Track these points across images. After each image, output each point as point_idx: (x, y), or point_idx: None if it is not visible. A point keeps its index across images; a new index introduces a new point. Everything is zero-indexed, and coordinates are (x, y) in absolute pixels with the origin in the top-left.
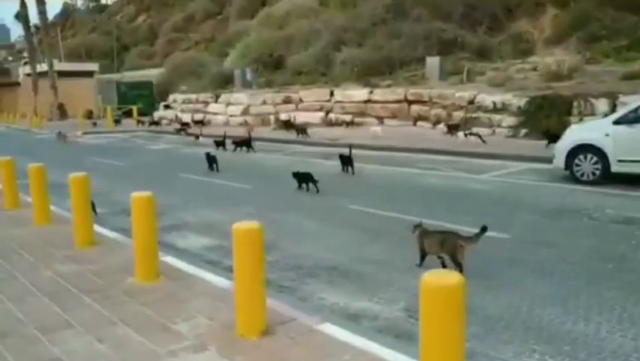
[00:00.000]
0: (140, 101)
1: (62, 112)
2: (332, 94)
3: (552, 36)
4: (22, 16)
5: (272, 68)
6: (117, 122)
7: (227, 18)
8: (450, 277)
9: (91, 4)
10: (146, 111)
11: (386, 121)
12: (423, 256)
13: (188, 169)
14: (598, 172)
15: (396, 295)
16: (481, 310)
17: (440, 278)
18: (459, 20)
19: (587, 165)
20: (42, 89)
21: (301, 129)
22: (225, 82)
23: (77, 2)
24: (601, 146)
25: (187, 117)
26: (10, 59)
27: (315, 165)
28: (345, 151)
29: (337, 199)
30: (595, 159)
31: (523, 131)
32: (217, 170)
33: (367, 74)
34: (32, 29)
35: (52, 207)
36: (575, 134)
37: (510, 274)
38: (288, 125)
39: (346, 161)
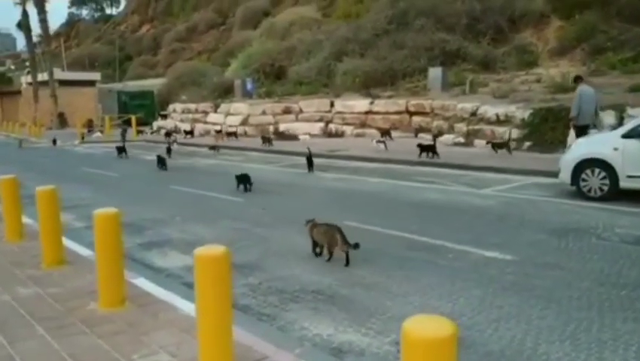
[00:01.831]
0: (141, 110)
1: (62, 121)
2: (332, 105)
3: (557, 47)
4: (23, 25)
5: (273, 78)
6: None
7: (229, 28)
8: (438, 326)
9: (96, 15)
10: (147, 121)
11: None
12: (314, 244)
13: (179, 181)
14: (606, 188)
15: (387, 325)
16: (480, 346)
17: (425, 328)
18: (463, 31)
19: (595, 181)
20: (42, 97)
21: (267, 139)
22: (226, 92)
23: (82, 12)
24: (610, 160)
25: (186, 127)
26: (12, 67)
27: (311, 177)
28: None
29: (332, 215)
30: (603, 174)
31: (527, 143)
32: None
33: (369, 84)
34: (37, 38)
35: (29, 222)
36: (582, 147)
37: (513, 301)
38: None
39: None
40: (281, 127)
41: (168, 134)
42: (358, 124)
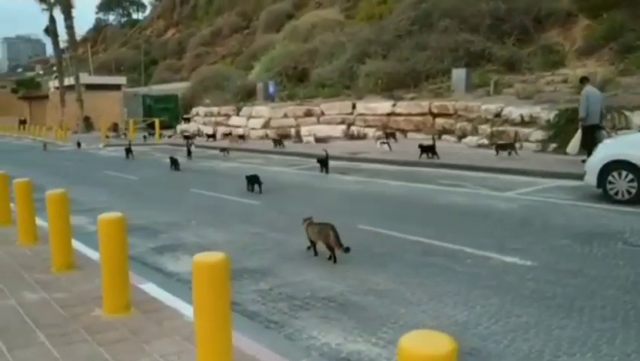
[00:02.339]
0: (165, 114)
1: (88, 125)
2: (354, 107)
3: (584, 47)
4: (50, 30)
5: (296, 80)
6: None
7: (253, 32)
8: (437, 343)
9: (123, 20)
10: (170, 124)
11: (410, 134)
12: (311, 242)
13: (201, 184)
14: (634, 191)
15: (398, 334)
16: (496, 358)
17: (423, 345)
18: (487, 32)
19: (622, 183)
20: (69, 102)
21: (278, 141)
22: (248, 95)
23: (109, 17)
24: (638, 162)
25: (208, 130)
26: (41, 72)
27: (330, 180)
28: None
29: (347, 218)
30: (630, 176)
31: (552, 145)
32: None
33: (392, 86)
34: (64, 44)
35: (44, 225)
36: (609, 149)
37: (532, 310)
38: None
39: (323, 163)
40: (304, 130)
41: (187, 137)
42: (380, 126)
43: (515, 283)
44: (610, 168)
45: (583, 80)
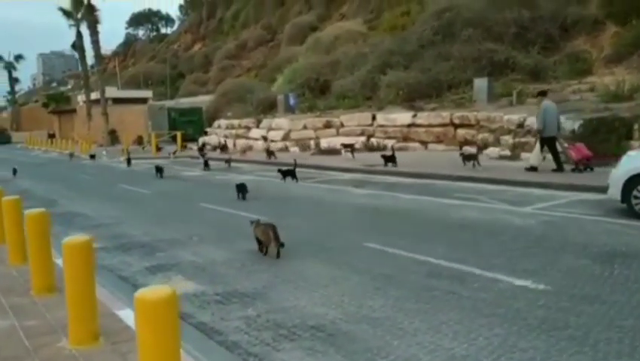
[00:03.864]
0: (189, 127)
1: (113, 138)
2: (374, 118)
3: (611, 55)
4: (78, 46)
5: (318, 92)
6: (159, 149)
7: (278, 45)
8: None
9: (151, 34)
10: (194, 137)
11: (431, 146)
12: (258, 241)
13: (211, 198)
14: None
15: None
16: None
17: None
18: (511, 41)
19: None
20: (95, 115)
21: (271, 152)
22: (270, 107)
23: (138, 32)
24: None
25: (229, 143)
26: (69, 87)
27: (343, 193)
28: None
29: (353, 235)
30: None
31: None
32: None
33: (413, 97)
34: (92, 60)
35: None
36: (634, 161)
37: (540, 343)
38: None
39: (288, 173)
40: (323, 142)
41: (201, 149)
42: (401, 137)
43: (524, 311)
44: (635, 181)
45: (542, 94)
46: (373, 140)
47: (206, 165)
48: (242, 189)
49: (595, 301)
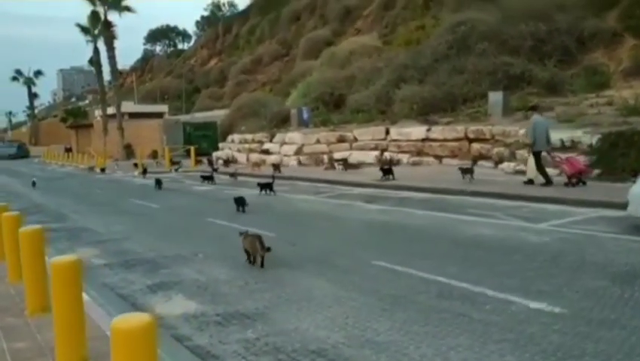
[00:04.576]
0: (204, 141)
1: (129, 152)
2: (388, 132)
3: (630, 68)
4: (94, 61)
5: (332, 106)
6: (174, 163)
7: (293, 59)
8: None
9: (168, 50)
10: (208, 151)
11: (445, 160)
12: (247, 252)
13: (218, 213)
14: None
15: None
16: None
17: None
18: (527, 54)
19: None
20: (111, 130)
21: (276, 166)
22: (283, 121)
23: (156, 48)
24: None
25: (242, 157)
26: (87, 102)
27: (353, 209)
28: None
29: (363, 253)
30: None
31: (595, 171)
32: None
33: (427, 111)
34: (109, 75)
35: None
36: None
37: None
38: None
39: (266, 186)
40: (337, 156)
41: (210, 162)
42: (415, 152)
43: (537, 336)
44: None
45: (533, 109)
46: (386, 154)
47: (210, 179)
48: (240, 202)
49: (615, 326)
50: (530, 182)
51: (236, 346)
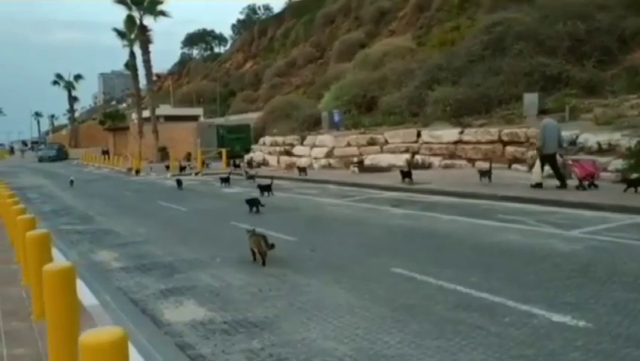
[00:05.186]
0: (237, 143)
1: (164, 155)
2: (419, 135)
3: None
4: (130, 65)
5: (364, 109)
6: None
7: (327, 62)
8: None
9: (205, 54)
10: (241, 153)
11: (478, 163)
12: (252, 251)
13: (243, 217)
14: None
15: None
16: None
17: None
18: (565, 54)
19: None
20: (147, 132)
21: (302, 169)
22: (315, 124)
23: (193, 52)
24: None
25: (273, 159)
26: (124, 105)
27: (379, 213)
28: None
29: (383, 259)
30: None
31: (634, 175)
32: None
33: (461, 113)
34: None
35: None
36: None
37: None
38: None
39: (266, 188)
40: (367, 159)
41: (236, 165)
42: (447, 155)
43: (558, 353)
44: None
45: (543, 113)
46: (418, 157)
47: (226, 181)
48: (253, 203)
49: None
50: (538, 185)
51: (239, 356)
